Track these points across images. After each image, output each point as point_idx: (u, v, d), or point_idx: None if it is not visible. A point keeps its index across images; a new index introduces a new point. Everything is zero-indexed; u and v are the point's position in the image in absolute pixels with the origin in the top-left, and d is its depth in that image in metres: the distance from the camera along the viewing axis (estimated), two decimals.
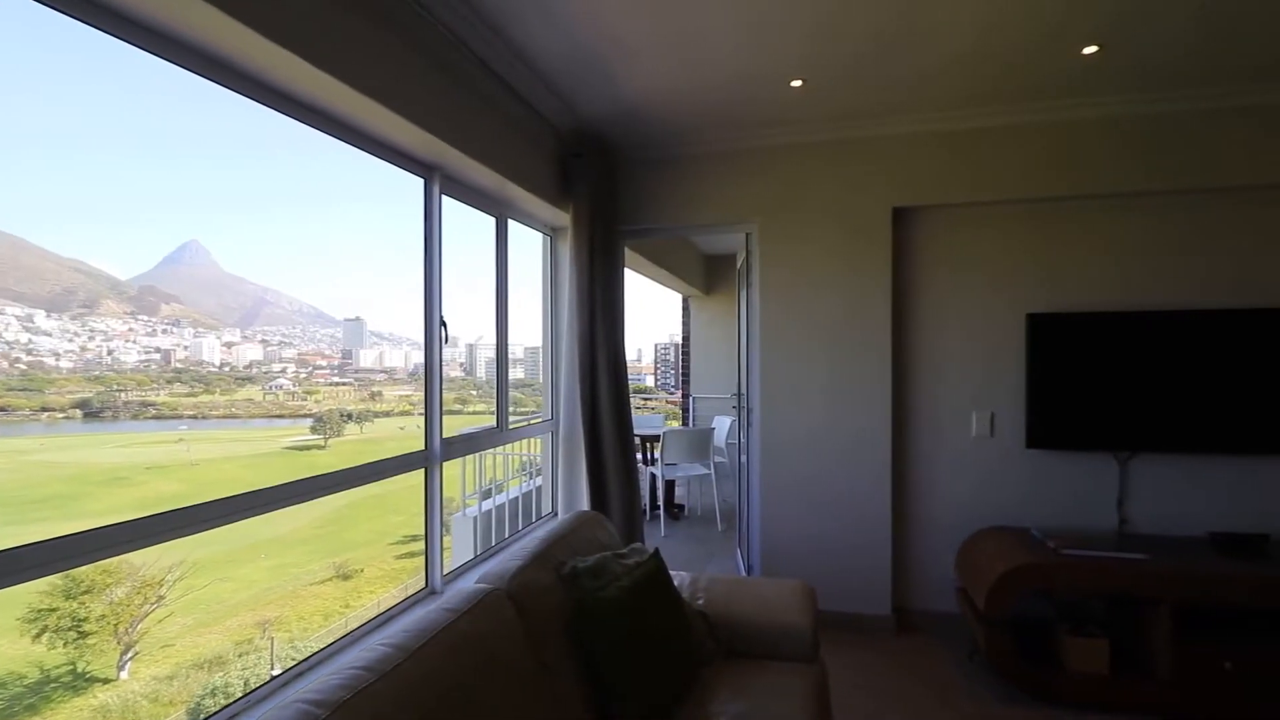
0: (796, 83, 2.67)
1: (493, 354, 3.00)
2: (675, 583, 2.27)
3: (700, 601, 2.19)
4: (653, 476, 5.09)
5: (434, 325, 2.38)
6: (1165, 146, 2.82)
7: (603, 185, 3.15)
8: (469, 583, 1.62)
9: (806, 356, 3.22)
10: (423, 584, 2.42)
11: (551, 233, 3.46)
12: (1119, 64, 2.52)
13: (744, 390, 3.61)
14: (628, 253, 4.90)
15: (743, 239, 3.50)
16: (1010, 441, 3.06)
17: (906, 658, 2.87)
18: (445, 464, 2.49)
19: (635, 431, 5.31)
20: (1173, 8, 2.12)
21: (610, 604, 1.68)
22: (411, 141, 2.21)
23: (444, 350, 2.51)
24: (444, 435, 2.43)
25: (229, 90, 1.66)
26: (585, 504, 2.97)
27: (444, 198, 2.47)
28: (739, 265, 3.90)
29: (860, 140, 3.14)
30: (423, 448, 2.37)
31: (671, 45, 2.37)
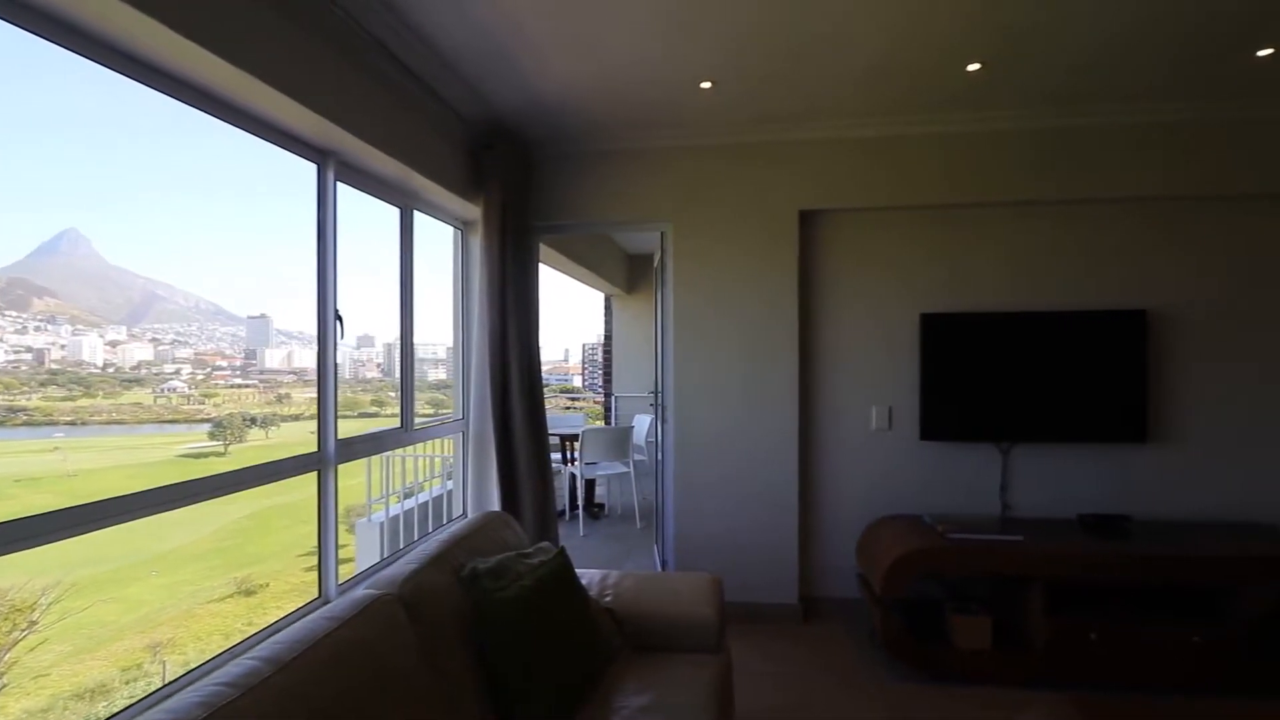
0: (706, 85, 2.72)
1: (420, 354, 2.88)
2: (584, 581, 2.26)
3: (609, 598, 2.19)
4: (572, 476, 5.05)
5: (328, 320, 2.26)
6: (1045, 160, 3.06)
7: (516, 179, 3.09)
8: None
9: (718, 354, 3.28)
10: (317, 594, 2.29)
11: (463, 227, 3.36)
12: (1002, 82, 2.71)
13: (660, 388, 3.64)
14: (548, 250, 4.85)
15: (659, 237, 3.53)
16: (906, 434, 3.24)
17: (811, 643, 2.98)
18: (351, 468, 2.37)
19: (554, 431, 5.28)
20: (1045, 35, 2.30)
21: (510, 604, 1.64)
22: (301, 124, 2.08)
23: (345, 348, 2.39)
24: (341, 436, 2.31)
25: (90, 61, 1.52)
26: (496, 505, 2.91)
27: (340, 185, 2.35)
28: (656, 264, 3.93)
29: (770, 144, 3.23)
30: (316, 449, 2.24)
31: (578, 43, 2.36)
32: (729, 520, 3.28)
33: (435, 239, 3.33)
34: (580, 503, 4.98)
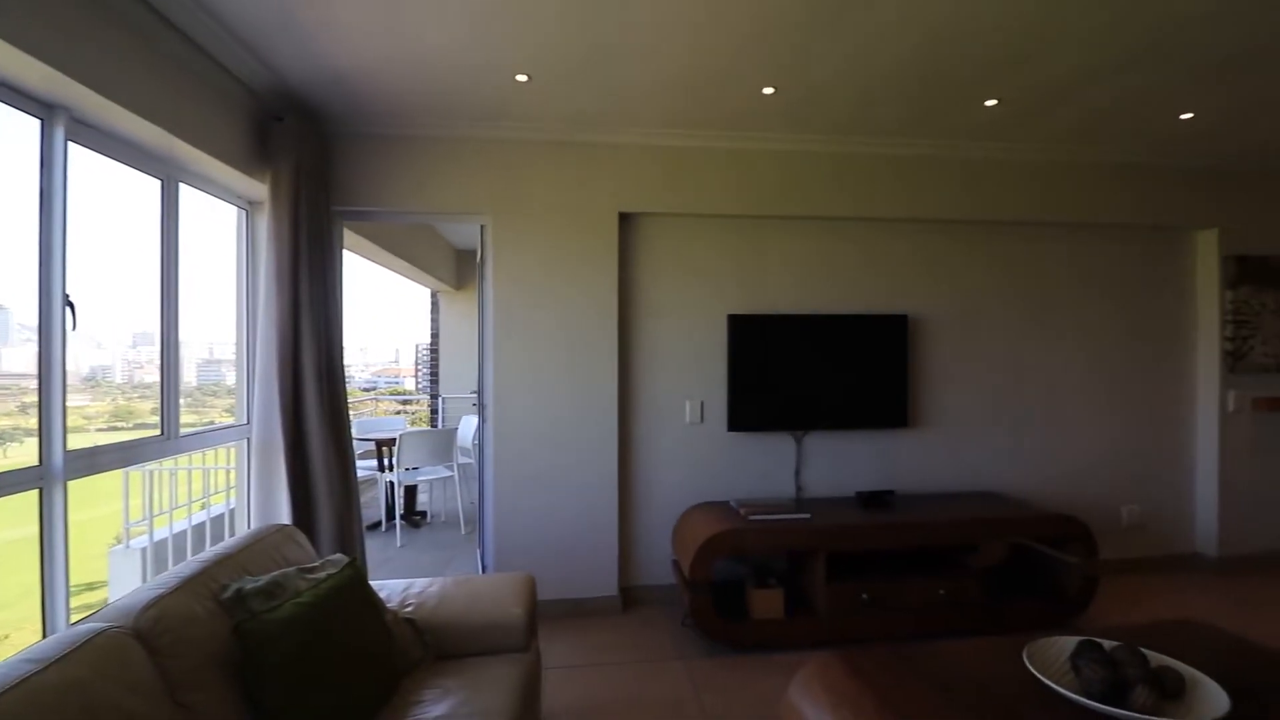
0: (522, 78, 2.68)
1: (206, 355, 2.49)
2: (384, 593, 2.12)
3: (410, 608, 2.07)
4: (390, 484, 4.72)
5: (53, 306, 1.88)
6: (826, 182, 3.45)
7: (311, 157, 2.82)
8: None
9: (539, 350, 3.26)
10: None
11: (249, 207, 2.99)
12: (792, 108, 3.00)
13: (481, 386, 3.53)
14: (359, 240, 4.49)
15: (479, 231, 3.42)
16: (716, 426, 3.47)
17: (629, 631, 3.07)
18: (108, 488, 1.99)
19: (368, 436, 4.90)
20: (828, 69, 2.59)
21: (281, 625, 1.47)
22: (21, 71, 1.71)
23: (119, 346, 2.00)
24: (70, 445, 1.93)
25: None
26: (286, 519, 2.61)
27: (72, 145, 1.97)
28: (479, 258, 3.81)
29: (591, 144, 3.28)
30: (36, 463, 1.85)
31: (376, 19, 2.20)
32: (550, 517, 3.27)
33: (229, 223, 2.92)
34: (399, 511, 4.67)
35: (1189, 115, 3.14)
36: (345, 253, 3.33)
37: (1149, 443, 3.88)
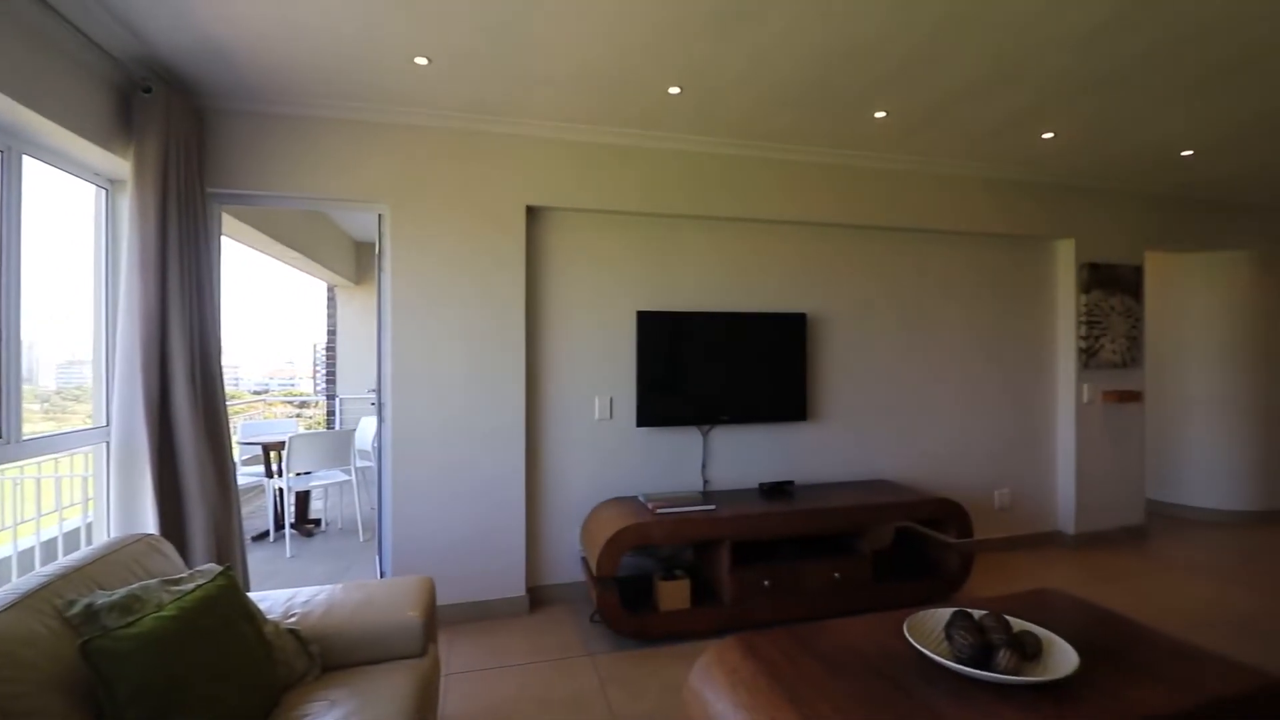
0: (422, 60, 2.58)
1: (70, 356, 2.22)
2: (265, 604, 1.98)
3: (294, 618, 1.93)
4: (279, 490, 4.41)
5: None
6: (729, 183, 3.55)
7: (183, 133, 2.58)
8: None
9: (442, 345, 3.15)
10: None
11: (110, 186, 2.70)
12: (698, 110, 3.06)
13: (380, 384, 3.37)
14: (243, 228, 4.17)
15: (376, 221, 3.26)
16: (626, 422, 3.48)
17: (535, 632, 3.02)
18: None
19: (254, 439, 4.56)
20: (729, 74, 2.66)
21: (137, 640, 1.33)
22: None
23: None
24: None
25: None
26: (152, 530, 2.37)
27: None
28: (377, 250, 3.63)
29: (497, 135, 3.21)
30: None
31: None
32: (454, 518, 3.16)
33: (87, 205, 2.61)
34: (289, 520, 4.37)
35: (1050, 135, 3.48)
36: (230, 242, 3.08)
37: (1018, 432, 4.27)
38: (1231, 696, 1.56)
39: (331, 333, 6.52)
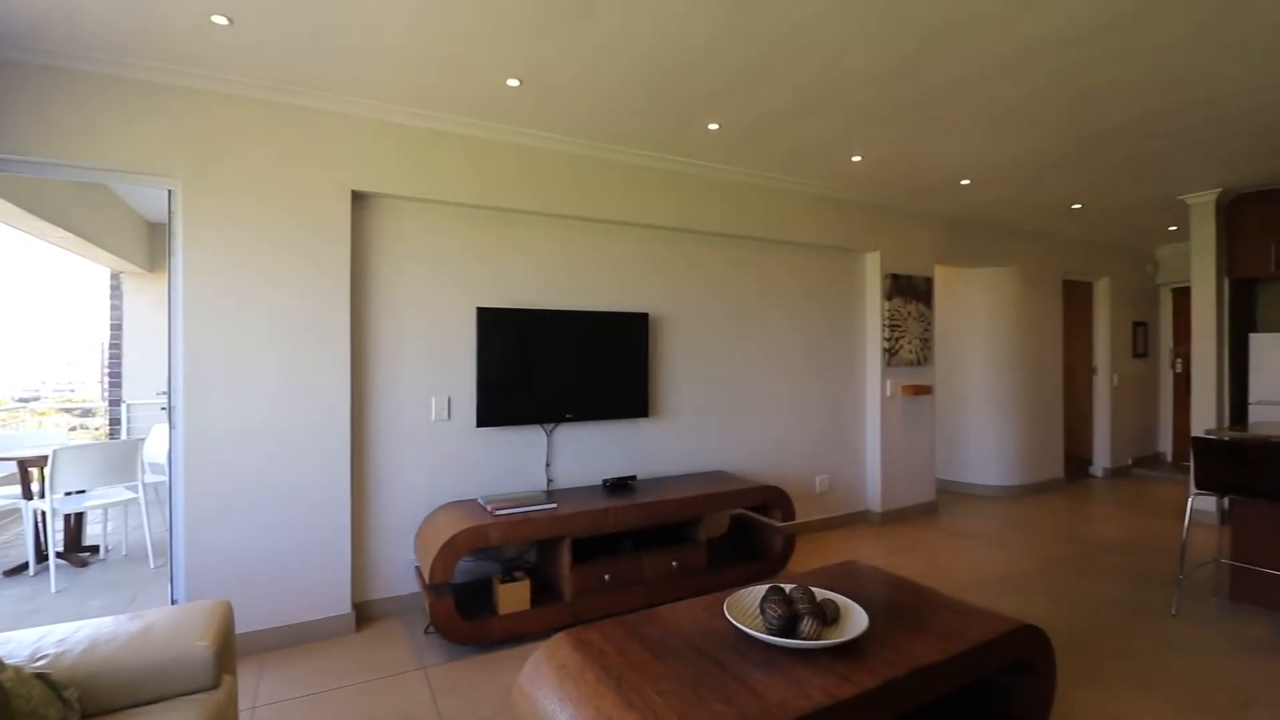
0: (220, 19, 2.29)
1: None
2: (4, 648, 1.63)
3: (44, 660, 1.62)
4: (40, 515, 3.68)
5: None
6: (574, 182, 3.56)
7: None
8: None
9: (247, 338, 2.82)
10: None
11: None
12: (539, 104, 3.03)
13: (172, 385, 2.93)
14: (5, 206, 3.44)
15: (167, 197, 2.84)
16: (464, 422, 3.36)
17: (362, 651, 2.81)
18: None
19: (9, 455, 3.79)
20: (570, 70, 2.66)
21: None
22: None
23: None
24: None
25: None
26: None
27: None
28: (169, 230, 3.16)
29: (315, 111, 2.94)
30: None
31: None
32: (265, 534, 2.84)
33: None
34: (54, 548, 3.66)
35: (858, 158, 3.90)
36: None
37: (835, 423, 4.74)
38: (989, 641, 1.84)
39: (116, 327, 5.57)
